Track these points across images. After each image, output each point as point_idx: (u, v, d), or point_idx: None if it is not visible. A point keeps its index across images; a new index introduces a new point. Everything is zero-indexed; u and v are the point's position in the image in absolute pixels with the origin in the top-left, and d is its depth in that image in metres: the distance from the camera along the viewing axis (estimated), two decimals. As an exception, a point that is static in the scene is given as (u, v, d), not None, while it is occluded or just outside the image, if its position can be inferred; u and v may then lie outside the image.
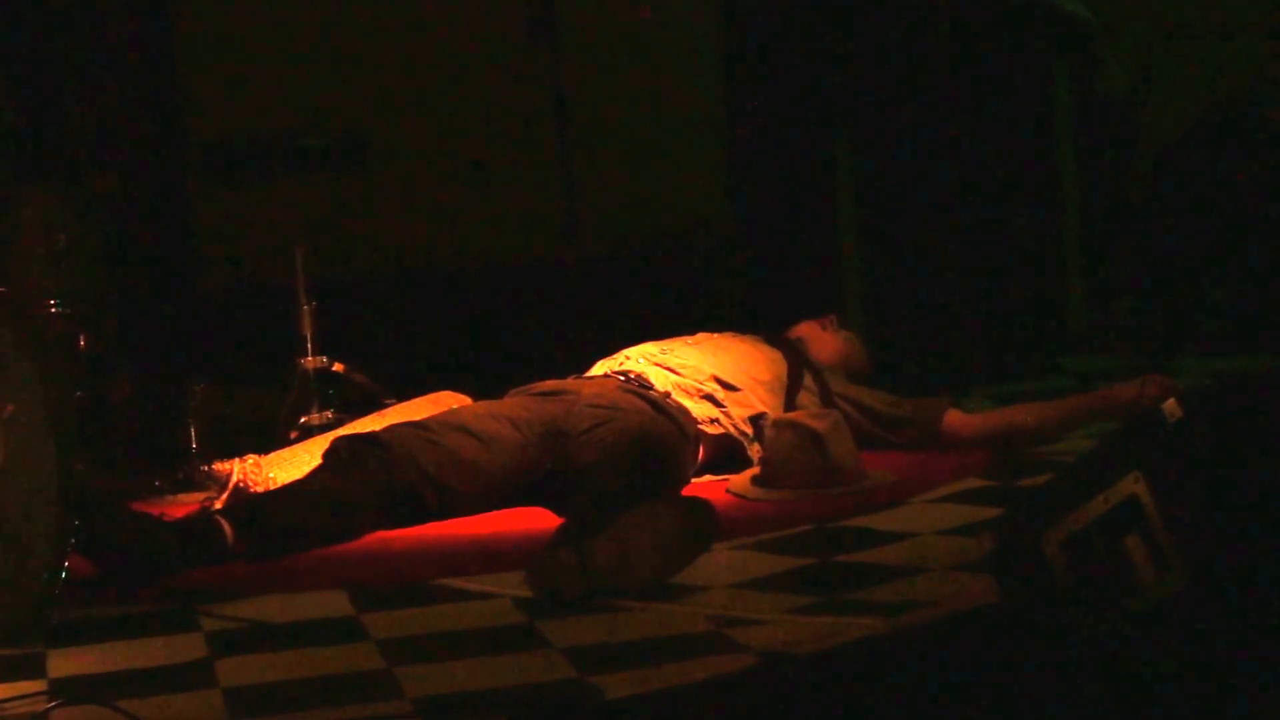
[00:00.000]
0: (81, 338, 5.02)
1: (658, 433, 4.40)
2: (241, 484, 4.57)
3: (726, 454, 4.67)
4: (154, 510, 4.21)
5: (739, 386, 4.72)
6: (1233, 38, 6.61)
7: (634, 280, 6.57)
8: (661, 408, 4.52)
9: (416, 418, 4.54)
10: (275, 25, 6.50)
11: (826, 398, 4.82)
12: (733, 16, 6.63)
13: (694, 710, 2.99)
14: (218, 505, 4.46)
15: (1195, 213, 6.49)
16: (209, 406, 5.09)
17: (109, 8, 6.14)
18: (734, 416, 4.66)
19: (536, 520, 4.26)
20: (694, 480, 4.58)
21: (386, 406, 5.05)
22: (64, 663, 3.33)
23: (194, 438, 5.02)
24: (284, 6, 6.55)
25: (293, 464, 4.60)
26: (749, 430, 4.67)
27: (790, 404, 4.77)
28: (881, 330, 5.88)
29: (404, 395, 5.11)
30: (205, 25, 6.39)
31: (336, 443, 4.33)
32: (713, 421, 4.62)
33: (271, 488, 4.48)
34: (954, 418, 4.82)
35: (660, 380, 4.64)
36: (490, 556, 3.97)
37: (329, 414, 5.26)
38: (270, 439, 5.05)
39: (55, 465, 3.46)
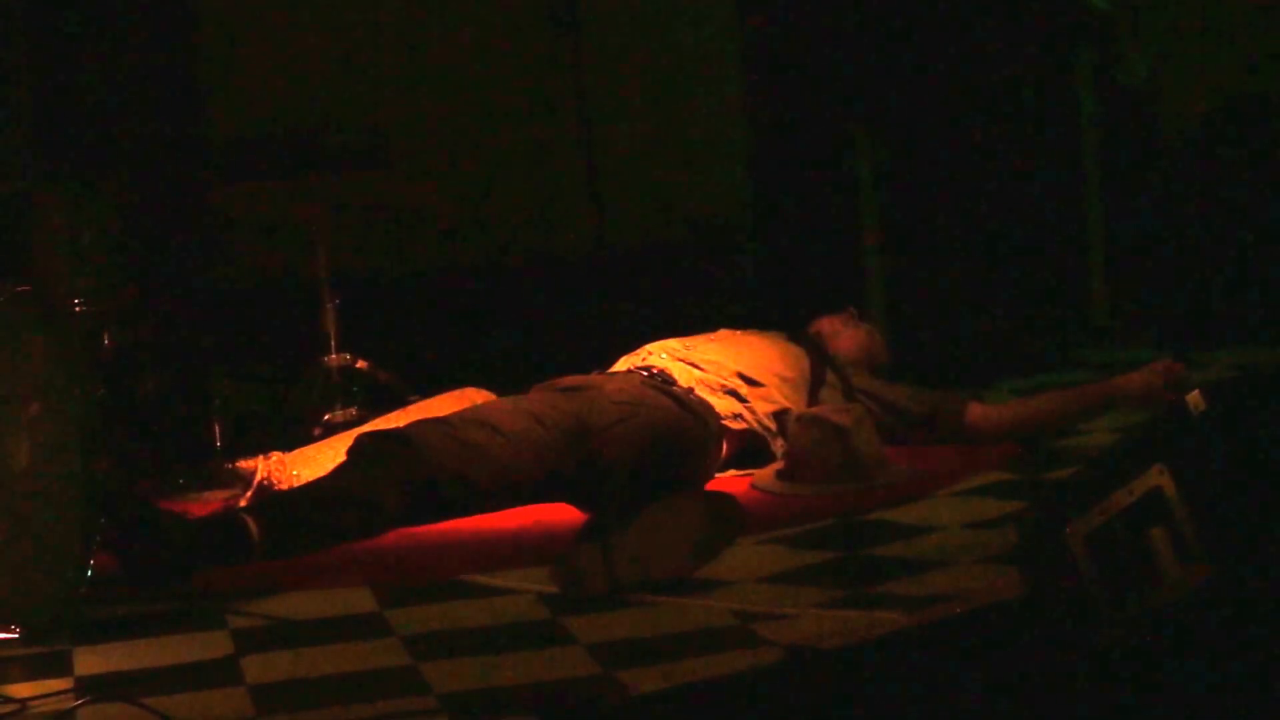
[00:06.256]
0: (105, 335, 5.02)
1: (681, 428, 4.40)
2: (266, 481, 4.57)
3: (751, 449, 4.67)
4: (179, 508, 4.23)
5: (762, 382, 4.71)
6: (1252, 27, 6.59)
7: (656, 276, 6.57)
8: (685, 403, 4.51)
9: (440, 414, 4.53)
10: (296, 21, 6.51)
11: (848, 393, 4.82)
12: (750, 8, 6.62)
13: (720, 705, 2.99)
14: (242, 503, 4.46)
15: (1217, 203, 6.47)
16: (233, 404, 5.10)
17: (130, 5, 6.14)
18: (758, 411, 4.66)
19: (561, 516, 4.25)
20: (718, 475, 4.58)
21: (410, 403, 5.05)
22: (90, 660, 3.35)
23: (218, 435, 5.02)
24: (305, 3, 6.56)
25: (317, 461, 4.60)
26: (773, 425, 4.66)
27: (813, 400, 4.77)
28: (904, 324, 5.87)
29: (427, 391, 5.10)
30: (226, 22, 6.39)
31: (360, 439, 4.32)
32: (736, 417, 4.62)
33: (296, 485, 4.49)
34: (977, 411, 4.82)
35: (683, 376, 4.64)
36: (515, 552, 3.97)
37: (353, 411, 5.27)
38: (294, 436, 5.05)
39: (80, 463, 3.47)
